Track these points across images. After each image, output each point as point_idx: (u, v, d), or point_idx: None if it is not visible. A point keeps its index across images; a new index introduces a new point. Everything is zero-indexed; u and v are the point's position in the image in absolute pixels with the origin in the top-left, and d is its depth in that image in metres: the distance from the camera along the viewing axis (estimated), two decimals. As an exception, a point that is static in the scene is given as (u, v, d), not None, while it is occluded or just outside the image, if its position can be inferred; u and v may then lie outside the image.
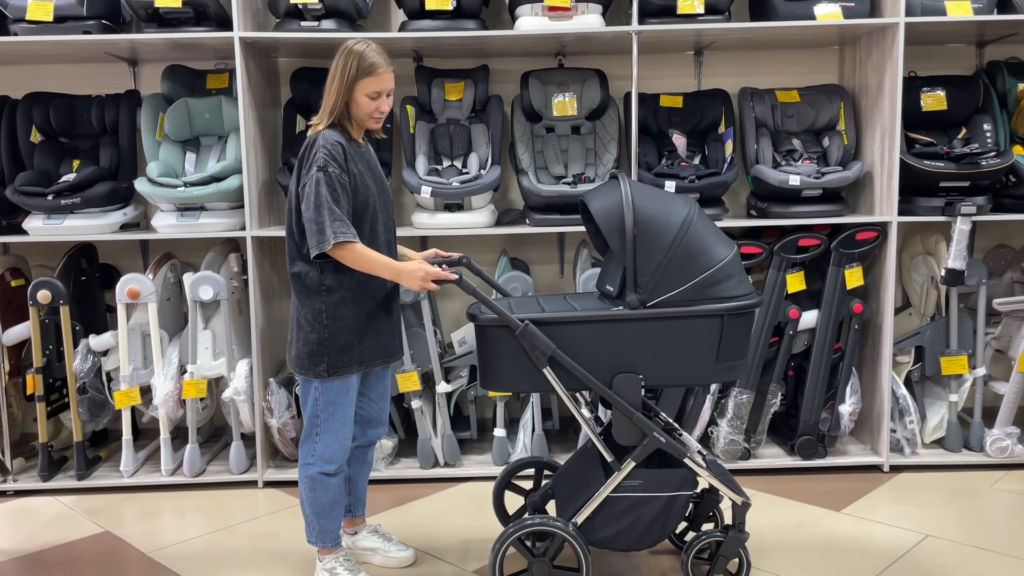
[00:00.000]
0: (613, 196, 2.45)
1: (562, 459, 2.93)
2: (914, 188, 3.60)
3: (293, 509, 3.38)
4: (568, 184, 3.64)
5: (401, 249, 2.80)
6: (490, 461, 3.70)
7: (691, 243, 2.40)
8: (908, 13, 3.46)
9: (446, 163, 3.79)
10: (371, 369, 2.65)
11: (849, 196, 3.87)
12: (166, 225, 3.54)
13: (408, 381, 3.55)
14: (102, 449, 3.89)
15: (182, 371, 3.60)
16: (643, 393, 2.50)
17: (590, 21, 3.52)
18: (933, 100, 3.71)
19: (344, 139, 2.52)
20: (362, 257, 2.46)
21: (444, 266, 2.70)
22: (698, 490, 2.62)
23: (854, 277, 3.61)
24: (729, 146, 3.71)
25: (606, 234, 2.43)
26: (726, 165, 3.66)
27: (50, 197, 3.49)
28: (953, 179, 3.54)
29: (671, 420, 2.60)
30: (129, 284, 3.53)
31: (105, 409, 3.76)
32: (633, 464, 2.47)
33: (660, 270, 2.39)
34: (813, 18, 3.53)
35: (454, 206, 3.60)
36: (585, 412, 2.72)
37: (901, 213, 3.54)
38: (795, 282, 3.61)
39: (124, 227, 3.69)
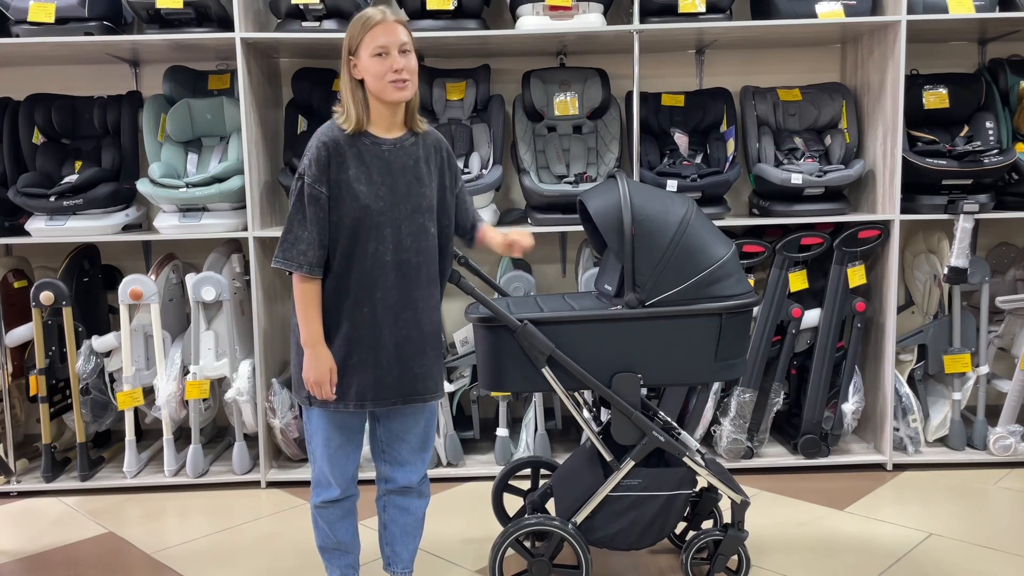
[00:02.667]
0: (611, 195, 2.44)
1: (564, 459, 2.93)
2: (916, 186, 3.59)
3: (296, 510, 3.38)
4: (570, 183, 3.64)
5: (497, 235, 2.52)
6: (493, 461, 3.70)
7: (689, 242, 2.39)
8: (910, 11, 3.44)
9: (448, 163, 3.78)
10: (359, 410, 2.29)
11: (851, 194, 3.86)
12: (168, 226, 3.55)
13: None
14: (105, 450, 3.90)
15: (185, 372, 3.61)
16: (644, 392, 2.50)
17: (591, 20, 3.52)
18: (935, 98, 3.70)
19: (347, 136, 2.21)
20: (301, 300, 2.21)
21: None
22: (697, 489, 2.62)
23: (857, 275, 3.60)
24: (731, 145, 3.70)
25: (604, 233, 2.42)
26: (728, 164, 3.66)
27: (52, 198, 3.49)
28: (956, 177, 3.53)
29: (670, 419, 2.59)
30: (131, 285, 3.53)
31: (108, 410, 3.77)
32: (632, 463, 2.47)
33: (658, 269, 2.39)
34: (815, 16, 3.51)
35: (456, 206, 3.60)
36: (584, 412, 2.72)
37: (903, 211, 3.53)
38: (797, 281, 3.60)
39: (126, 228, 3.70)
